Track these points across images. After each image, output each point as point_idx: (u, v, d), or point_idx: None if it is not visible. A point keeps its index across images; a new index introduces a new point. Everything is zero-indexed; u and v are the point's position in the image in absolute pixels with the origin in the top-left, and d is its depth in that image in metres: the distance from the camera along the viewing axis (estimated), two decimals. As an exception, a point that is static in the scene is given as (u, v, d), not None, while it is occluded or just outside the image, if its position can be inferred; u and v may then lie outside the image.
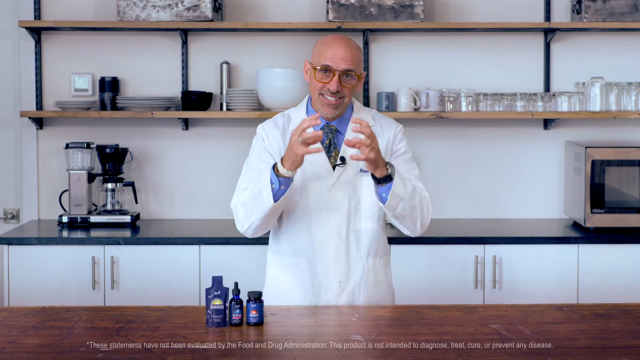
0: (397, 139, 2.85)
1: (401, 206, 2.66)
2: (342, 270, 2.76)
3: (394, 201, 2.63)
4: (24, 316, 2.56)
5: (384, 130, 2.84)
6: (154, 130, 4.46)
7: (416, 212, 2.71)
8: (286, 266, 2.81)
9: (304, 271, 2.77)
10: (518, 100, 4.29)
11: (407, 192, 2.66)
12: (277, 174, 2.59)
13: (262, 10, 4.44)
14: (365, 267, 2.79)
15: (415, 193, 2.70)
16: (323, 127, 2.77)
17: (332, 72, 2.68)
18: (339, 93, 2.70)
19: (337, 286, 2.76)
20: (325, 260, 2.76)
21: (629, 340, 2.33)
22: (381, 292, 2.84)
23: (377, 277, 2.82)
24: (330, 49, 2.70)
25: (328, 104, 2.72)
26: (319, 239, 2.75)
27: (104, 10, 4.39)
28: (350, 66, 2.69)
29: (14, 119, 4.45)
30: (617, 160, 4.12)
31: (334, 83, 2.68)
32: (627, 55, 4.46)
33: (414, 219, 2.73)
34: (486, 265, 3.92)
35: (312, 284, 2.77)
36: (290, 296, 2.79)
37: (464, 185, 4.47)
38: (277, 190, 2.61)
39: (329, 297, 2.76)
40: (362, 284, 2.78)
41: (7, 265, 3.89)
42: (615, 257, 3.95)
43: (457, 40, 4.45)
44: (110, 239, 3.92)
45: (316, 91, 2.73)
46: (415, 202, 2.69)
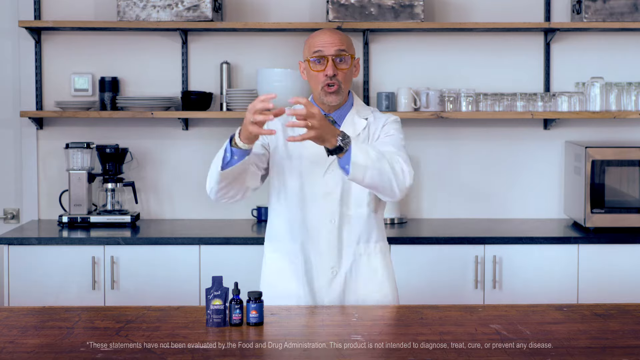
0: (386, 126, 2.84)
1: (369, 174, 2.59)
2: (334, 256, 2.79)
3: (357, 171, 2.58)
4: (24, 316, 2.56)
5: (376, 120, 2.87)
6: (154, 130, 4.46)
7: (387, 176, 2.61)
8: (282, 252, 2.85)
9: (298, 257, 2.81)
10: (518, 100, 4.29)
11: (369, 158, 2.58)
12: (233, 144, 2.63)
13: (262, 10, 4.44)
14: (356, 252, 2.80)
15: (382, 158, 2.61)
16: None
17: (325, 57, 2.75)
18: (336, 79, 2.75)
19: (330, 271, 2.79)
20: (317, 245, 2.79)
21: (629, 340, 2.33)
22: (378, 279, 2.84)
23: (371, 263, 2.83)
24: (318, 39, 2.79)
25: (331, 93, 2.77)
26: (312, 224, 2.79)
27: (104, 10, 4.39)
28: (341, 47, 2.76)
29: (14, 119, 4.45)
30: (617, 160, 4.12)
31: (330, 67, 2.74)
32: (627, 55, 4.46)
33: (386, 184, 2.63)
34: (486, 265, 3.92)
35: (306, 269, 2.80)
36: (285, 282, 2.82)
37: (464, 185, 4.47)
38: (228, 159, 2.64)
39: (322, 283, 2.79)
40: (354, 269, 2.80)
41: (7, 265, 3.89)
42: (615, 257, 3.95)
43: (457, 40, 4.45)
44: (110, 239, 3.92)
45: (318, 84, 2.78)
46: (383, 166, 2.60)
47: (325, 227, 2.78)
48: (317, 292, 2.80)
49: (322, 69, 2.76)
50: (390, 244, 3.87)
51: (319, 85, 2.78)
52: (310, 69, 2.79)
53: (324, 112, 2.82)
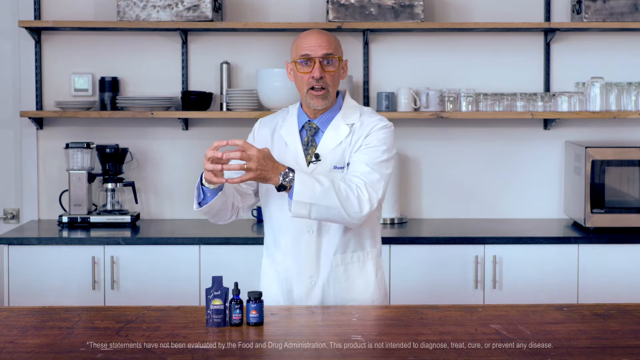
0: (370, 135, 2.76)
1: (314, 210, 2.60)
2: (313, 266, 2.79)
3: (299, 209, 2.59)
4: (24, 316, 2.56)
5: (363, 126, 2.79)
6: (154, 130, 4.46)
7: (335, 210, 2.61)
8: (270, 258, 2.88)
9: (280, 264, 2.83)
10: (518, 100, 4.29)
11: (314, 195, 2.58)
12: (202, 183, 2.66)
13: (262, 10, 4.44)
14: (332, 263, 2.79)
15: (330, 192, 2.60)
16: (305, 125, 2.82)
17: (312, 59, 2.74)
18: (323, 81, 2.73)
19: (309, 281, 2.80)
20: (297, 254, 2.79)
21: (629, 340, 2.33)
22: (357, 288, 2.82)
23: (349, 272, 2.81)
24: (306, 40, 2.76)
25: (317, 96, 2.75)
26: (293, 233, 2.79)
27: (104, 10, 4.39)
28: (328, 50, 2.74)
29: (14, 119, 4.45)
30: (617, 160, 4.12)
31: (317, 69, 2.72)
32: (627, 55, 4.46)
33: (336, 217, 2.64)
34: (486, 265, 3.92)
35: (286, 277, 2.81)
36: (269, 289, 2.85)
37: (464, 185, 4.47)
38: (202, 198, 2.68)
39: (301, 292, 2.80)
40: (330, 279, 2.80)
41: (7, 265, 3.89)
42: (615, 257, 3.95)
43: (457, 40, 4.45)
44: (110, 239, 3.92)
45: (304, 87, 2.76)
46: (330, 201, 2.59)
47: (304, 237, 2.78)
48: (296, 300, 2.81)
49: (309, 71, 2.74)
50: (390, 244, 3.89)
51: (304, 87, 2.76)
52: (297, 71, 2.77)
53: (309, 119, 2.81)
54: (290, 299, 2.81)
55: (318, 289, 2.80)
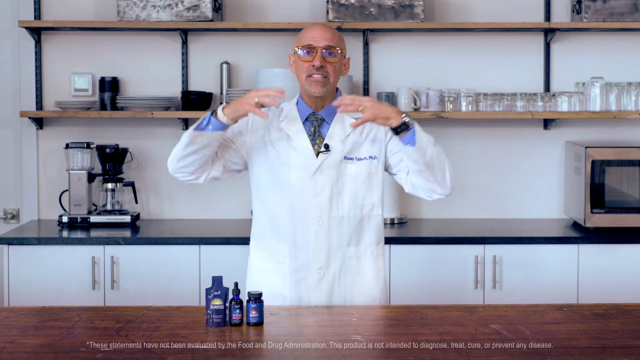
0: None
1: (430, 150, 2.68)
2: (322, 257, 2.78)
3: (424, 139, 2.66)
4: (24, 316, 2.56)
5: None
6: (154, 130, 4.46)
7: (443, 158, 2.72)
8: (268, 252, 2.83)
9: (285, 257, 2.80)
10: (518, 100, 4.29)
11: (430, 138, 2.69)
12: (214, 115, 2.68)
13: (262, 10, 4.44)
14: (346, 254, 2.79)
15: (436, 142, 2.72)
16: (309, 116, 2.82)
17: (314, 49, 2.75)
18: (324, 70, 2.74)
19: (317, 272, 2.78)
20: (305, 246, 2.78)
21: (629, 340, 2.33)
22: (367, 281, 2.83)
23: (361, 265, 2.81)
24: (310, 32, 2.79)
25: (315, 82, 2.75)
26: (300, 225, 2.77)
27: (104, 10, 4.39)
28: (331, 42, 2.76)
29: (14, 119, 4.45)
30: (617, 160, 4.12)
31: (318, 58, 2.74)
32: (627, 55, 4.46)
33: (442, 167, 2.73)
34: (486, 265, 3.93)
35: (293, 269, 2.79)
36: (271, 282, 2.80)
37: (464, 185, 4.47)
38: (203, 127, 2.69)
39: (309, 284, 2.78)
40: (342, 271, 2.79)
41: (7, 265, 3.89)
42: (615, 257, 3.95)
43: (457, 40, 4.45)
44: (110, 239, 3.92)
45: (303, 73, 2.77)
46: (439, 148, 2.72)
47: (313, 228, 2.77)
48: (304, 292, 2.79)
49: (310, 59, 2.76)
50: (390, 244, 3.89)
51: (304, 74, 2.77)
52: (298, 59, 2.78)
53: (312, 110, 2.81)
54: (298, 291, 2.79)
55: (327, 281, 2.78)
